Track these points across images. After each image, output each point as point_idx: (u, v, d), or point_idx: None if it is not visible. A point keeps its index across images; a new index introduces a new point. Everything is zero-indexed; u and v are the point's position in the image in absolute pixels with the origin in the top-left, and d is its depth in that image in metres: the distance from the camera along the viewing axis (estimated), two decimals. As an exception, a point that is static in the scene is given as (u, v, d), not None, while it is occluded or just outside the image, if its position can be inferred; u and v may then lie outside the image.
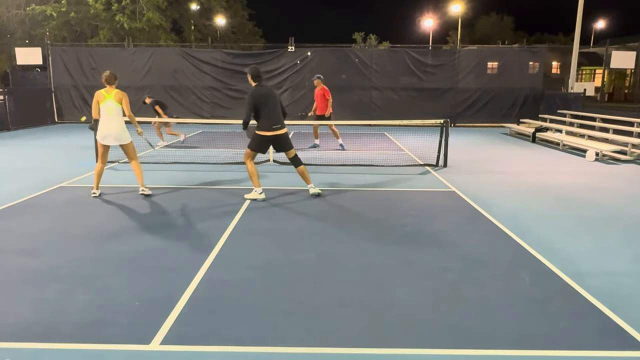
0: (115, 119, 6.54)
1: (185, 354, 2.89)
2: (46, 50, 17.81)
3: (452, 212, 6.11)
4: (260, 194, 6.57)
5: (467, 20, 51.15)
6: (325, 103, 11.33)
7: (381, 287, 3.84)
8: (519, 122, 16.50)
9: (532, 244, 4.84)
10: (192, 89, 17.80)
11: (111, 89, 6.55)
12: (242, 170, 8.68)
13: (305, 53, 17.91)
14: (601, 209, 6.33)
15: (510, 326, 3.23)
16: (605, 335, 3.12)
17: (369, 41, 58.80)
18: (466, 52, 18.30)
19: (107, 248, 4.66)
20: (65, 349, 2.92)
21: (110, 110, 6.51)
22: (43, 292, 3.68)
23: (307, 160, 9.71)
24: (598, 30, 50.41)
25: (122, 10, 25.73)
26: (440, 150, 9.41)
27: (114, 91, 6.53)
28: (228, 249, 4.64)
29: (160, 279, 3.93)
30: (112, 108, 6.51)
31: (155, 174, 8.19)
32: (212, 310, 3.42)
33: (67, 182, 7.54)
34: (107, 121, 6.54)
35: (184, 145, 11.95)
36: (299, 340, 3.03)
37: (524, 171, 8.95)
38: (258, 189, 6.58)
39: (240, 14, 40.46)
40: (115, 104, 6.50)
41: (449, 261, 4.39)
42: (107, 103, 6.49)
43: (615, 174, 8.78)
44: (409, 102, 17.77)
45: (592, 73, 41.74)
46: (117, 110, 6.52)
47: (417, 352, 2.92)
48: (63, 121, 17.96)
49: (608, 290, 3.77)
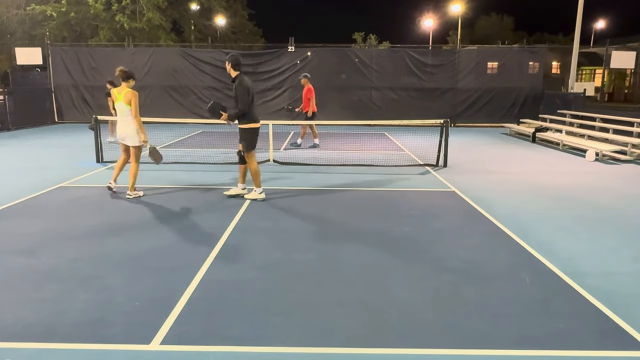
0: (125, 120, 6.43)
1: (185, 354, 2.89)
2: (46, 50, 17.81)
3: (452, 212, 6.11)
4: (260, 194, 6.53)
5: (467, 20, 51.21)
6: (307, 102, 11.49)
7: (381, 287, 3.84)
8: (519, 122, 16.50)
9: (532, 244, 4.84)
10: (192, 89, 17.80)
11: (123, 87, 6.41)
12: (242, 170, 8.68)
13: (305, 53, 17.91)
14: (601, 209, 6.33)
15: (510, 326, 3.23)
16: (605, 335, 3.12)
17: (369, 41, 58.81)
18: (466, 52, 18.30)
19: (107, 248, 4.66)
20: (65, 349, 2.92)
21: (121, 111, 6.43)
22: (43, 292, 3.68)
23: (307, 160, 9.72)
24: (598, 30, 50.44)
25: (122, 10, 25.71)
26: (440, 150, 9.41)
27: (124, 91, 6.38)
28: (228, 249, 4.64)
29: (160, 279, 3.93)
30: (122, 109, 6.41)
31: (155, 174, 8.19)
32: (212, 310, 3.42)
33: (67, 182, 7.54)
34: (119, 122, 6.49)
35: (184, 145, 11.94)
36: (299, 340, 3.03)
37: (524, 171, 8.95)
38: (259, 189, 6.54)
39: (240, 14, 40.42)
40: (125, 105, 6.37)
41: (449, 261, 4.39)
42: (119, 104, 6.41)
43: (615, 174, 8.78)
44: (409, 102, 17.77)
45: (592, 73, 41.73)
46: (126, 111, 6.40)
47: (417, 352, 2.92)
48: (63, 121, 17.96)
49: (608, 290, 3.77)
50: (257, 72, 17.79)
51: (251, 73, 17.98)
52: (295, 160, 9.63)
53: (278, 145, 11.91)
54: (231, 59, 6.26)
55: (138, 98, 6.40)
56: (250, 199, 6.54)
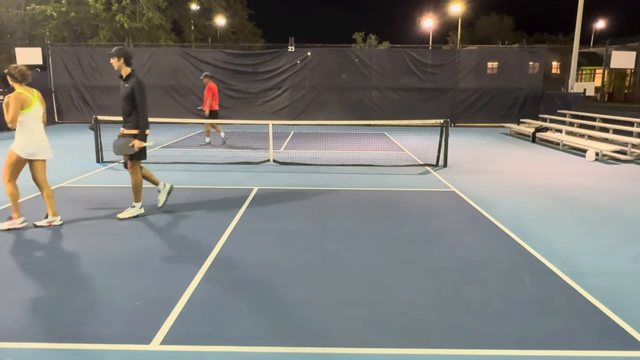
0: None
1: (185, 354, 2.89)
2: (46, 50, 17.79)
3: (452, 212, 6.11)
4: (140, 209, 5.72)
5: (467, 21, 51.22)
6: (206, 101, 11.73)
7: (381, 287, 3.84)
8: (519, 122, 16.50)
9: (532, 244, 4.84)
10: (192, 89, 17.79)
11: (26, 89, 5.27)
12: (242, 170, 8.69)
13: (305, 53, 17.91)
14: (601, 209, 6.33)
15: (510, 326, 3.22)
16: (605, 335, 3.12)
17: (369, 41, 58.83)
18: (466, 52, 18.30)
19: (107, 248, 4.66)
20: (65, 349, 2.92)
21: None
22: (43, 292, 3.68)
23: (307, 160, 9.72)
24: (598, 30, 50.44)
25: (122, 10, 25.70)
26: (440, 150, 9.41)
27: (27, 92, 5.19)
28: (228, 249, 4.64)
29: (160, 279, 3.93)
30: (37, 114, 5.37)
31: (155, 174, 8.17)
32: (212, 310, 3.42)
33: (67, 182, 7.53)
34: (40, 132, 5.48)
35: (184, 145, 11.94)
36: (299, 340, 3.03)
37: (524, 171, 8.95)
38: (138, 203, 5.71)
39: (240, 14, 40.40)
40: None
41: (449, 261, 4.39)
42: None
43: (615, 174, 8.78)
44: (408, 102, 17.77)
45: (592, 73, 41.73)
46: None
47: (417, 352, 2.92)
48: (63, 121, 17.95)
49: (608, 290, 3.77)
50: (257, 72, 17.79)
51: (251, 73, 18.02)
52: (295, 160, 9.63)
53: (278, 145, 11.91)
54: (122, 53, 5.33)
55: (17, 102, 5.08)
56: (127, 217, 5.58)
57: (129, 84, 5.36)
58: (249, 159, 9.70)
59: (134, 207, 5.69)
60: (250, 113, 16.98)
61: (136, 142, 5.41)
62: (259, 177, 8.13)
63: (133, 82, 5.34)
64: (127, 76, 5.41)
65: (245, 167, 9.02)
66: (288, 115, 17.76)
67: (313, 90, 18.01)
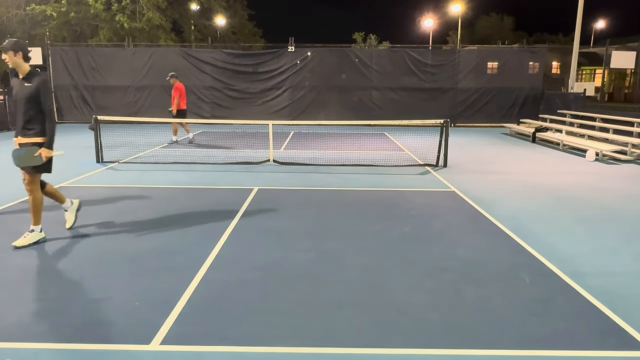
0: None
1: (185, 354, 2.89)
2: (46, 50, 17.79)
3: (452, 212, 6.11)
4: (40, 233, 4.77)
5: (467, 21, 51.23)
6: (173, 100, 11.94)
7: (381, 287, 3.84)
8: (519, 122, 16.51)
9: (532, 244, 4.84)
10: (192, 89, 17.77)
11: None
12: (242, 170, 8.69)
13: (305, 53, 17.91)
14: (601, 209, 6.33)
15: (510, 326, 3.22)
16: (605, 335, 3.12)
17: (369, 41, 58.84)
18: (466, 52, 18.29)
19: (107, 248, 4.66)
20: (65, 349, 2.92)
21: None
22: (43, 292, 3.68)
23: (307, 160, 9.72)
24: (598, 30, 50.47)
25: (122, 10, 25.68)
26: (440, 150, 9.41)
27: None
28: (228, 249, 4.64)
29: (160, 279, 3.93)
30: None
31: (155, 174, 8.20)
32: (212, 310, 3.42)
33: (67, 183, 7.53)
34: None
35: (183, 145, 11.94)
36: (299, 340, 3.03)
37: (524, 171, 8.95)
38: (37, 226, 4.76)
39: (240, 14, 40.40)
40: None
41: (449, 261, 4.39)
42: None
43: (615, 174, 8.78)
44: (408, 102, 17.77)
45: (592, 73, 41.73)
46: None
47: (417, 352, 2.92)
48: (63, 121, 17.94)
49: (608, 290, 3.77)
50: (257, 72, 17.79)
51: (251, 73, 18.02)
52: (295, 160, 9.63)
53: (278, 145, 11.91)
54: (18, 47, 4.49)
55: None
56: (26, 245, 4.62)
57: (33, 83, 4.54)
58: (249, 159, 9.71)
59: (32, 232, 4.72)
60: (250, 113, 16.99)
61: (43, 151, 4.59)
62: (259, 177, 8.13)
63: (38, 82, 4.54)
64: (28, 74, 4.58)
65: (245, 167, 9.02)
66: (288, 115, 17.76)
67: (313, 90, 18.01)
